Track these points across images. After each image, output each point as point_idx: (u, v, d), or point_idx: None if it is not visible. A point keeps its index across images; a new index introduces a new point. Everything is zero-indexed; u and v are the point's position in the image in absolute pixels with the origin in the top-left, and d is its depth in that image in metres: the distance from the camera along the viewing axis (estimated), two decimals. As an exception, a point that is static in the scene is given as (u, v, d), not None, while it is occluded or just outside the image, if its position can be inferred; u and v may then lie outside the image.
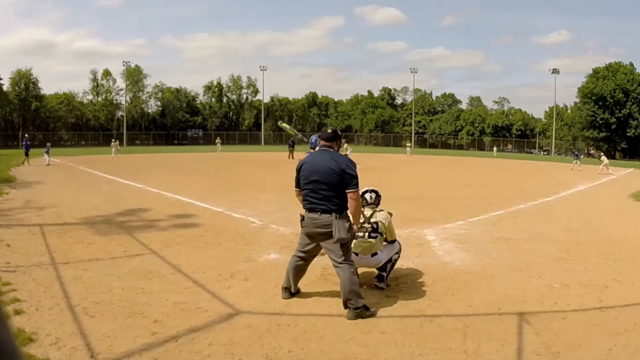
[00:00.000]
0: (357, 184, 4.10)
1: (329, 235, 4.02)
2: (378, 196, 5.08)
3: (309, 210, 4.13)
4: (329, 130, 4.32)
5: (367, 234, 4.69)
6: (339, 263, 4.07)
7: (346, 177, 4.03)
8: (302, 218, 4.22)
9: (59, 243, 6.44)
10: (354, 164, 4.15)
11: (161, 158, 32.39)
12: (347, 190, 4.05)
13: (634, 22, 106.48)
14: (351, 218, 4.18)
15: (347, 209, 4.12)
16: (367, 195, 5.03)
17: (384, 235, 4.78)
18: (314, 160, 4.19)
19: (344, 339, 3.54)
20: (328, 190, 4.03)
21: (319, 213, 4.05)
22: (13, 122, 62.38)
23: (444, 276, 5.20)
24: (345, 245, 4.09)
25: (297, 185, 4.27)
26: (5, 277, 4.74)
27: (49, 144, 25.95)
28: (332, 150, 4.25)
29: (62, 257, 5.69)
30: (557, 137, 65.22)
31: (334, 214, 4.01)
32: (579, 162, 29.26)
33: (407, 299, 4.48)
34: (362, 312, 3.95)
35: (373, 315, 4.02)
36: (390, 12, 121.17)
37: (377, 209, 4.97)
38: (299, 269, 4.42)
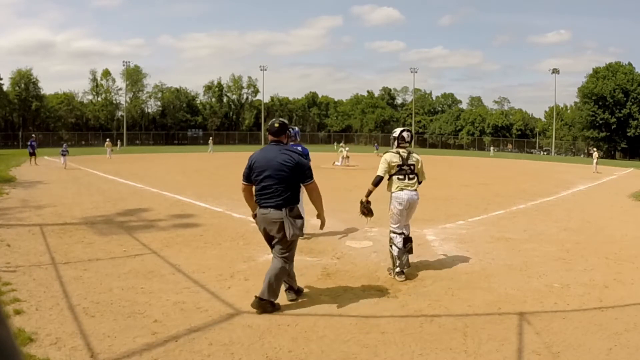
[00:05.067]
0: (312, 175, 4.11)
1: (281, 229, 3.97)
2: (412, 135, 5.41)
3: (261, 206, 4.05)
4: (276, 124, 4.20)
5: (407, 176, 5.15)
6: (279, 256, 4.08)
7: (301, 170, 4.01)
8: (254, 215, 4.16)
9: (59, 243, 6.44)
10: (307, 155, 4.10)
11: (161, 158, 32.39)
12: (304, 184, 4.07)
13: (634, 22, 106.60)
14: (316, 207, 4.19)
15: (297, 203, 4.08)
16: (405, 134, 5.29)
17: (419, 175, 5.25)
18: (265, 155, 4.10)
19: (344, 339, 3.54)
20: (279, 185, 3.97)
21: (270, 210, 3.98)
22: (13, 122, 62.40)
23: (444, 276, 5.20)
24: (289, 244, 4.06)
25: (246, 179, 4.17)
26: (5, 277, 4.74)
27: (65, 145, 23.48)
28: (281, 144, 4.18)
29: (62, 257, 5.69)
30: (557, 137, 65.23)
31: (284, 210, 3.95)
32: (378, 153, 30.62)
33: (407, 299, 4.48)
34: (266, 305, 3.97)
35: (277, 310, 4.04)
36: (387, 12, 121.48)
37: (412, 150, 5.30)
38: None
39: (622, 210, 11.19)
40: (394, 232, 5.21)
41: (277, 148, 4.10)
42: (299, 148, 6.73)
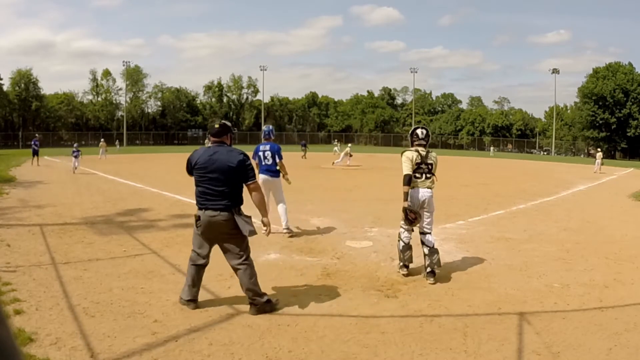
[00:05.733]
0: (254, 176, 4.11)
1: (229, 234, 3.94)
2: (428, 133, 5.33)
3: (207, 208, 3.95)
4: (216, 125, 4.21)
5: (424, 174, 5.16)
6: (239, 264, 4.00)
7: (244, 170, 4.00)
8: (198, 218, 4.00)
9: (59, 243, 6.44)
10: (248, 157, 4.11)
11: (161, 158, 32.39)
12: (247, 183, 4.05)
13: (634, 22, 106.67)
14: (259, 209, 4.17)
15: (242, 203, 4.06)
16: (419, 131, 5.30)
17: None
18: (210, 156, 4.01)
19: (344, 339, 3.54)
20: (227, 186, 3.93)
21: (219, 211, 3.91)
22: (13, 122, 62.37)
23: (444, 276, 5.20)
24: (245, 244, 4.03)
25: (190, 173, 4.14)
26: (5, 277, 4.74)
27: (77, 145, 20.26)
28: (225, 144, 4.15)
29: (62, 257, 5.69)
30: (557, 137, 65.23)
31: (233, 210, 3.94)
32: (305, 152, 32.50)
33: (407, 299, 4.48)
34: (264, 306, 3.99)
35: (276, 307, 4.06)
36: (387, 12, 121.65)
37: (431, 150, 5.29)
38: (200, 274, 4.17)
39: (622, 210, 11.19)
40: (402, 227, 5.29)
41: (224, 149, 4.07)
42: (267, 147, 7.18)
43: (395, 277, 5.13)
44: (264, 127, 7.54)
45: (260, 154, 7.20)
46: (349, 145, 29.46)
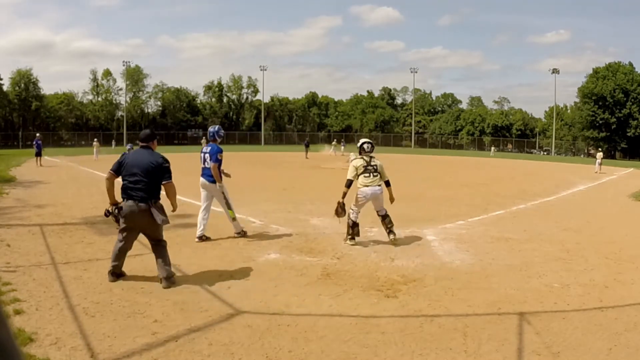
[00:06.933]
0: (170, 177, 4.85)
1: (147, 222, 4.69)
2: (373, 146, 6.86)
3: (128, 198, 4.66)
4: (141, 134, 5.08)
5: (371, 174, 6.59)
6: (158, 244, 4.85)
7: (162, 171, 4.77)
8: (120, 208, 4.68)
9: (59, 243, 6.44)
10: (168, 161, 4.87)
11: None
12: (163, 182, 4.79)
13: (634, 22, 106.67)
14: (171, 201, 4.93)
15: (159, 198, 4.79)
16: (365, 146, 6.76)
17: (381, 175, 6.69)
18: (136, 157, 4.82)
19: (344, 339, 3.54)
20: (145, 181, 4.66)
21: (137, 202, 4.63)
22: (13, 122, 62.32)
23: (444, 276, 5.20)
24: (160, 230, 4.86)
25: (115, 171, 4.86)
26: (5, 277, 4.74)
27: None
28: (150, 149, 4.93)
29: (62, 257, 5.70)
30: (557, 137, 65.20)
31: (150, 202, 4.66)
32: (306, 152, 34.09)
33: (407, 299, 4.48)
34: (174, 279, 4.70)
35: (173, 283, 4.67)
36: (387, 12, 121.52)
37: (374, 156, 6.74)
38: (122, 251, 4.82)
39: (622, 210, 11.19)
40: (352, 210, 6.64)
41: (147, 152, 4.88)
42: (209, 149, 7.14)
43: (395, 277, 5.13)
44: (209, 128, 7.30)
45: (202, 155, 7.14)
46: (342, 143, 29.64)
